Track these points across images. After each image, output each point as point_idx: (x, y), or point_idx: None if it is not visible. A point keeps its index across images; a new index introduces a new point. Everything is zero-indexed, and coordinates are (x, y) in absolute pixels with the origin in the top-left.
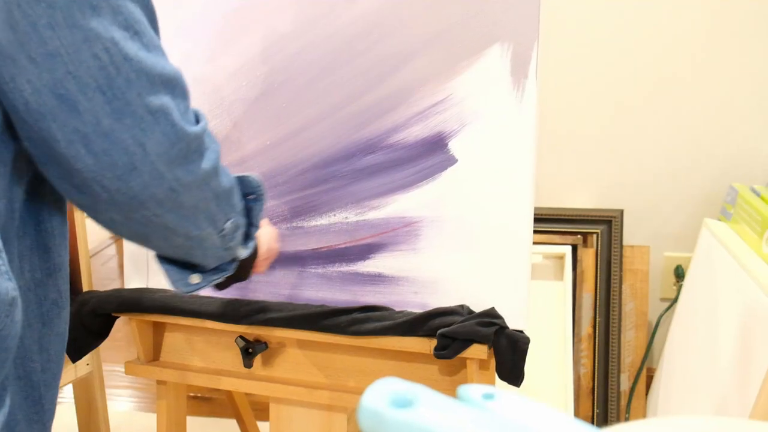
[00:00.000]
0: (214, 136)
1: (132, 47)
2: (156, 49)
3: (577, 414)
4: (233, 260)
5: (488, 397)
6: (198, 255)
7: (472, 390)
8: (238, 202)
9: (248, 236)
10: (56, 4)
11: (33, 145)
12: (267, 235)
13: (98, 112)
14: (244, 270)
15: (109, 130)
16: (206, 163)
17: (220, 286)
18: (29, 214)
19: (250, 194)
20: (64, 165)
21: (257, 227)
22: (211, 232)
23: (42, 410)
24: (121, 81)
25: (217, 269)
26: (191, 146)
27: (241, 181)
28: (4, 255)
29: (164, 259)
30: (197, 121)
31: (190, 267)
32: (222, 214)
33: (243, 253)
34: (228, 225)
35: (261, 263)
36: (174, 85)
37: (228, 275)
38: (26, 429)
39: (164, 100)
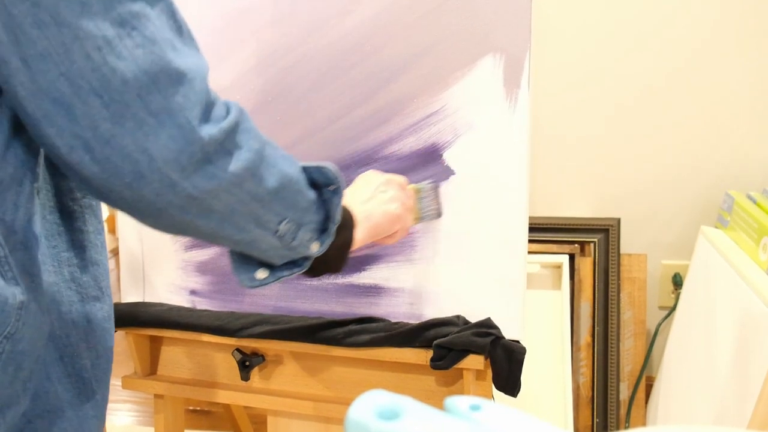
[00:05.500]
0: (257, 131)
1: (128, 44)
2: (164, 42)
3: (576, 423)
4: (306, 257)
5: (475, 408)
6: (256, 254)
7: (459, 401)
8: (301, 199)
9: (324, 231)
10: (41, 2)
11: (45, 151)
12: (375, 216)
13: (95, 117)
14: (334, 261)
15: (109, 136)
16: (236, 165)
17: (309, 275)
18: (63, 215)
19: (328, 185)
20: (75, 173)
21: (335, 221)
22: (263, 234)
23: (96, 405)
24: (117, 82)
25: (288, 265)
26: (209, 149)
27: (318, 171)
28: (10, 260)
29: (230, 251)
30: (227, 115)
31: (257, 261)
32: (272, 215)
33: (316, 250)
34: (283, 226)
35: (385, 240)
36: (184, 80)
37: (304, 270)
38: (80, 425)
39: (170, 99)
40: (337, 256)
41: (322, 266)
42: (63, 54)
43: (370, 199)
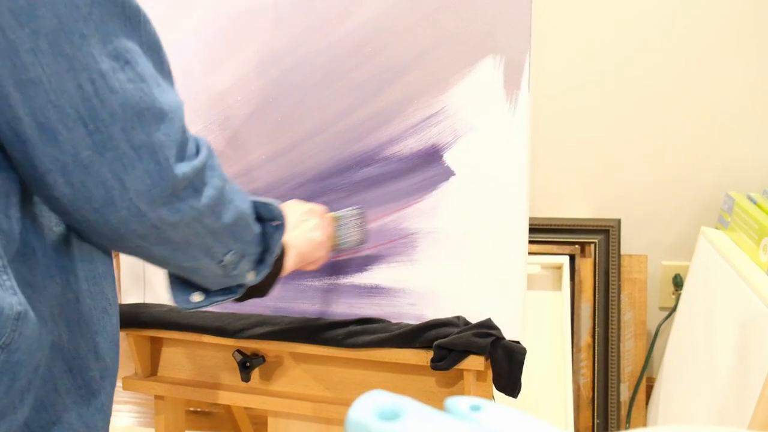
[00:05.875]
0: (220, 169)
1: (120, 79)
2: (151, 79)
3: (577, 424)
4: (241, 285)
5: (475, 408)
6: (197, 280)
7: (460, 402)
8: (247, 233)
9: (261, 262)
10: (41, 30)
11: (18, 167)
12: (300, 244)
13: (78, 144)
14: (263, 286)
15: (87, 163)
16: (202, 201)
17: (238, 300)
18: (67, 227)
19: (271, 220)
20: (44, 191)
21: (273, 254)
22: (209, 263)
23: (105, 417)
24: (104, 114)
25: (222, 291)
26: (179, 186)
27: (265, 207)
28: (9, 271)
29: (168, 272)
30: (197, 153)
31: (194, 284)
32: (221, 246)
33: (252, 278)
34: (228, 257)
35: (307, 266)
36: (166, 119)
37: (237, 297)
38: None
39: (152, 135)
40: (268, 283)
41: (252, 292)
42: (55, 83)
43: (295, 228)
